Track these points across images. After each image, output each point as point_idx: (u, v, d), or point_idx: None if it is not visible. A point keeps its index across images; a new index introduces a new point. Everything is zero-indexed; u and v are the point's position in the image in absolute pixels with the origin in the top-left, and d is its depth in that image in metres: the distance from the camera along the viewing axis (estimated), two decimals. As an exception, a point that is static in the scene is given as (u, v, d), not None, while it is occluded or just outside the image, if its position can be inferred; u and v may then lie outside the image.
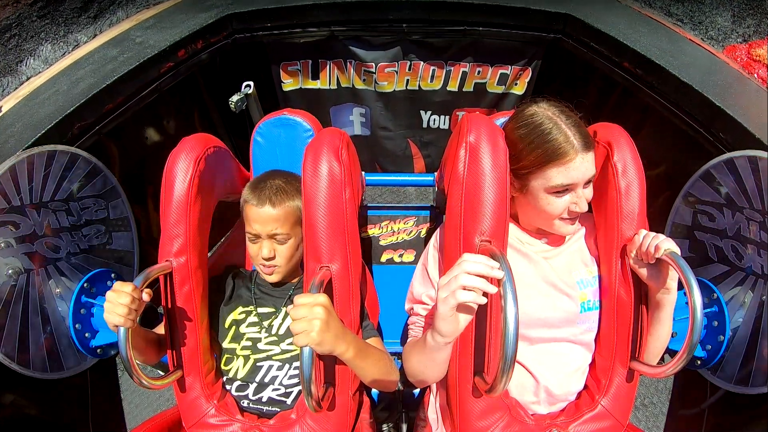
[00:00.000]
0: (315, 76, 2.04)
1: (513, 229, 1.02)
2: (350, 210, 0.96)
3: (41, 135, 1.18)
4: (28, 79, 1.26)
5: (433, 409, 1.14)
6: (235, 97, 1.73)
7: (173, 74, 1.55)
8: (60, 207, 1.27)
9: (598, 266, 1.02)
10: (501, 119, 1.30)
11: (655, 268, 0.89)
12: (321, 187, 0.94)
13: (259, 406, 1.07)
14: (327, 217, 0.94)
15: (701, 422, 1.30)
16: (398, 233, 1.64)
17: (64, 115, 1.21)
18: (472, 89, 2.04)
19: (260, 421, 1.04)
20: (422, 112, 2.18)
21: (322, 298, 0.78)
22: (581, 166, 0.87)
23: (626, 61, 1.48)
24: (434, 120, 2.21)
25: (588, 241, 1.05)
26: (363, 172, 1.50)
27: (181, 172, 0.98)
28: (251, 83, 1.80)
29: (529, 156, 0.90)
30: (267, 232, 1.03)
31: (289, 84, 2.05)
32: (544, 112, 0.91)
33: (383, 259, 1.66)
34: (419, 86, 2.04)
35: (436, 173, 1.51)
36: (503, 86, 2.02)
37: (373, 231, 1.64)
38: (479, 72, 1.97)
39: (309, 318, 0.75)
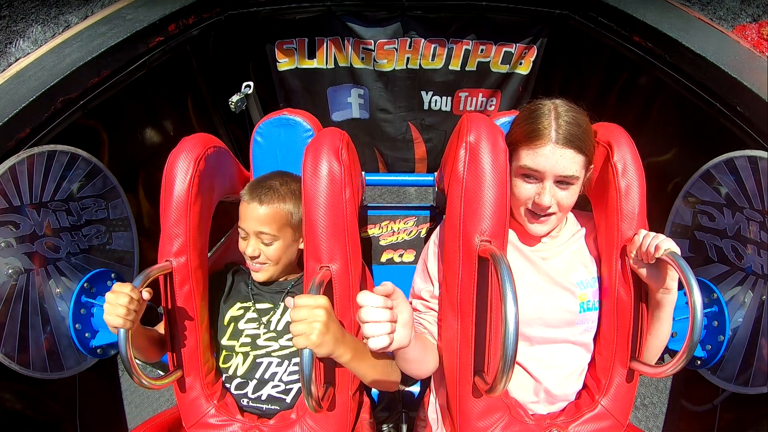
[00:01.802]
0: (311, 55, 1.95)
1: (513, 229, 1.02)
2: (350, 210, 0.96)
3: (23, 108, 1.14)
4: (17, 60, 1.24)
5: (433, 409, 1.14)
6: (235, 97, 1.73)
7: (163, 50, 1.51)
8: (60, 207, 1.27)
9: (598, 267, 1.02)
10: (501, 119, 1.31)
11: (655, 268, 0.89)
12: (321, 187, 0.94)
13: (258, 404, 1.06)
14: (327, 217, 0.94)
15: (714, 418, 1.28)
16: (398, 233, 1.64)
17: (47, 88, 1.18)
18: (475, 68, 1.97)
19: (260, 421, 1.04)
20: (423, 93, 2.10)
21: (323, 300, 0.77)
22: (551, 156, 0.87)
23: (636, 35, 1.44)
24: (435, 101, 2.13)
25: (588, 241, 1.05)
26: (363, 172, 1.50)
27: (181, 172, 0.98)
28: (251, 83, 1.80)
29: (512, 132, 0.96)
30: (253, 230, 1.04)
31: (284, 63, 1.98)
32: (551, 102, 0.93)
33: (383, 259, 1.66)
34: (420, 65, 1.96)
35: (436, 173, 1.51)
36: (507, 65, 1.95)
37: (373, 231, 1.64)
38: (482, 50, 1.90)
39: (309, 320, 0.74)
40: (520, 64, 1.95)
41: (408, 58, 1.95)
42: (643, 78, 1.53)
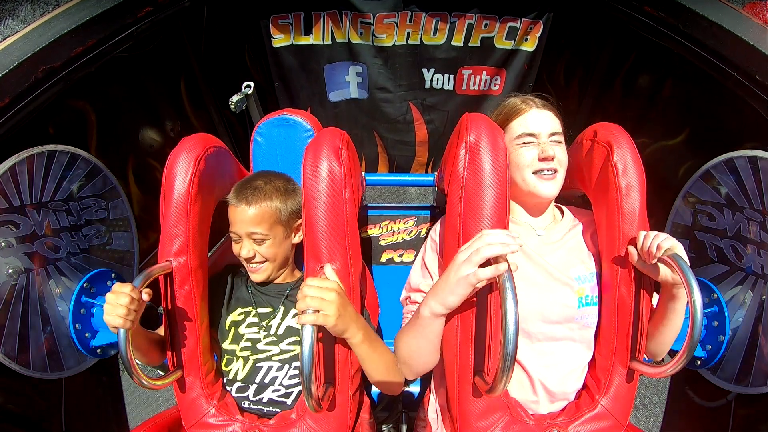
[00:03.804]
0: (307, 30, 1.88)
1: (510, 225, 1.02)
2: (350, 210, 0.96)
3: (1, 77, 1.10)
4: (4, 38, 1.23)
5: (433, 409, 1.14)
6: (235, 97, 1.72)
7: (152, 21, 1.44)
8: (60, 207, 1.27)
9: (596, 263, 1.02)
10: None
11: (665, 267, 0.89)
12: (321, 187, 0.93)
13: (260, 407, 1.07)
14: (327, 217, 0.94)
15: (728, 413, 1.26)
16: (398, 233, 1.64)
17: (27, 56, 1.13)
18: (478, 44, 1.90)
19: (260, 421, 1.04)
20: (424, 71, 2.02)
21: (335, 283, 0.80)
22: (537, 117, 1.02)
23: (647, 5, 1.39)
24: (437, 79, 2.05)
25: (585, 237, 1.06)
26: (363, 172, 1.49)
27: (181, 172, 0.98)
28: (251, 83, 1.80)
29: (497, 122, 1.06)
30: (245, 231, 1.04)
31: (279, 40, 1.90)
32: (517, 95, 1.08)
33: (383, 259, 1.66)
34: (421, 40, 1.89)
35: (436, 173, 1.51)
36: (512, 41, 1.88)
37: (373, 231, 1.64)
38: (486, 25, 1.83)
39: (325, 298, 0.78)
40: (526, 40, 1.88)
41: (408, 33, 1.87)
42: (654, 56, 1.49)
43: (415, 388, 1.56)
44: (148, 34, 1.45)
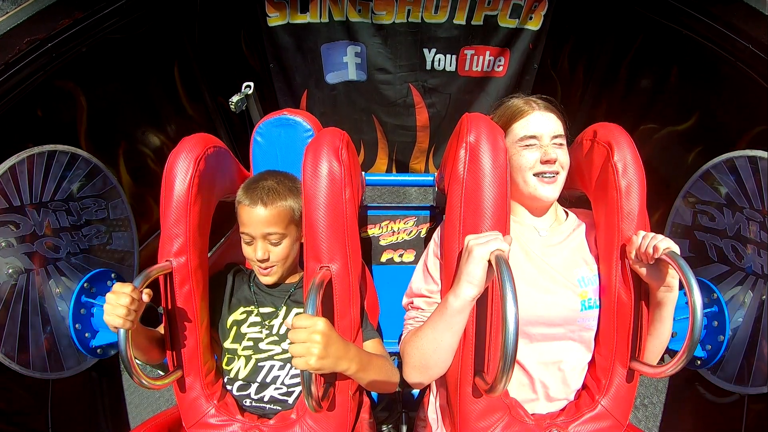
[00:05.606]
0: (304, 9, 1.83)
1: (513, 226, 1.02)
2: (350, 210, 0.96)
3: None
4: None
5: (433, 409, 1.14)
6: (235, 98, 1.73)
7: None
8: (60, 207, 1.27)
9: (598, 265, 1.02)
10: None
11: (656, 267, 0.89)
12: (321, 187, 0.94)
13: (261, 405, 1.06)
14: (327, 217, 0.94)
15: (741, 409, 1.24)
16: (398, 233, 1.64)
17: (11, 27, 1.10)
18: (481, 23, 1.85)
19: (260, 421, 1.04)
20: (425, 51, 1.95)
21: (321, 324, 0.77)
22: (540, 119, 1.02)
23: None
24: (439, 60, 1.98)
25: (588, 238, 1.05)
26: (363, 172, 1.49)
27: (181, 171, 0.98)
28: (251, 84, 1.80)
29: (499, 123, 1.05)
30: (260, 232, 1.03)
31: (275, 18, 1.85)
32: (513, 95, 1.09)
33: (383, 259, 1.66)
34: (422, 18, 1.84)
35: (436, 173, 1.51)
36: (516, 20, 1.83)
37: (373, 231, 1.64)
38: (489, 2, 1.78)
39: (307, 345, 0.75)
40: (530, 18, 1.83)
41: (409, 11, 1.82)
42: (660, 40, 1.44)
43: (415, 389, 1.57)
44: (139, 13, 1.41)
